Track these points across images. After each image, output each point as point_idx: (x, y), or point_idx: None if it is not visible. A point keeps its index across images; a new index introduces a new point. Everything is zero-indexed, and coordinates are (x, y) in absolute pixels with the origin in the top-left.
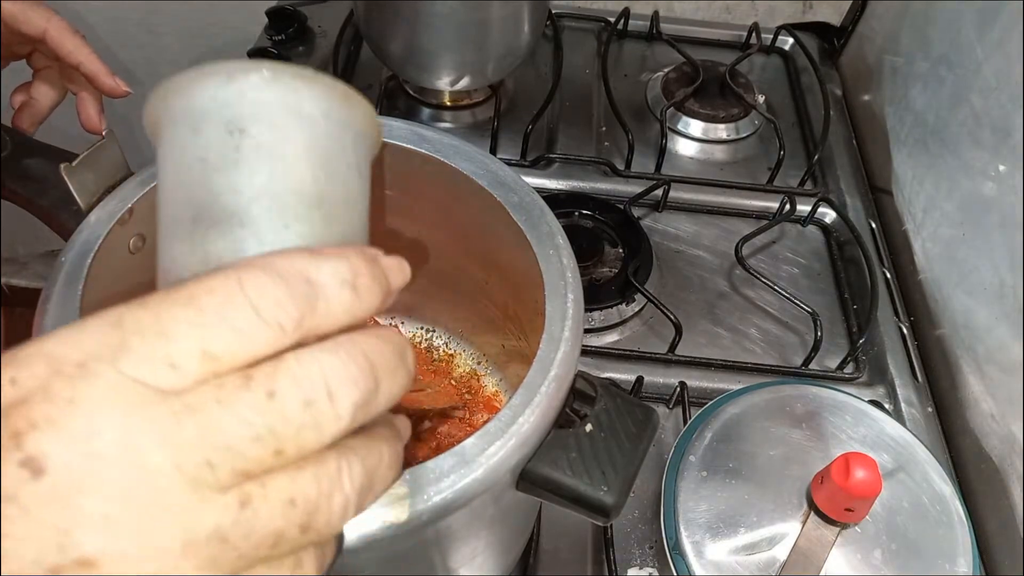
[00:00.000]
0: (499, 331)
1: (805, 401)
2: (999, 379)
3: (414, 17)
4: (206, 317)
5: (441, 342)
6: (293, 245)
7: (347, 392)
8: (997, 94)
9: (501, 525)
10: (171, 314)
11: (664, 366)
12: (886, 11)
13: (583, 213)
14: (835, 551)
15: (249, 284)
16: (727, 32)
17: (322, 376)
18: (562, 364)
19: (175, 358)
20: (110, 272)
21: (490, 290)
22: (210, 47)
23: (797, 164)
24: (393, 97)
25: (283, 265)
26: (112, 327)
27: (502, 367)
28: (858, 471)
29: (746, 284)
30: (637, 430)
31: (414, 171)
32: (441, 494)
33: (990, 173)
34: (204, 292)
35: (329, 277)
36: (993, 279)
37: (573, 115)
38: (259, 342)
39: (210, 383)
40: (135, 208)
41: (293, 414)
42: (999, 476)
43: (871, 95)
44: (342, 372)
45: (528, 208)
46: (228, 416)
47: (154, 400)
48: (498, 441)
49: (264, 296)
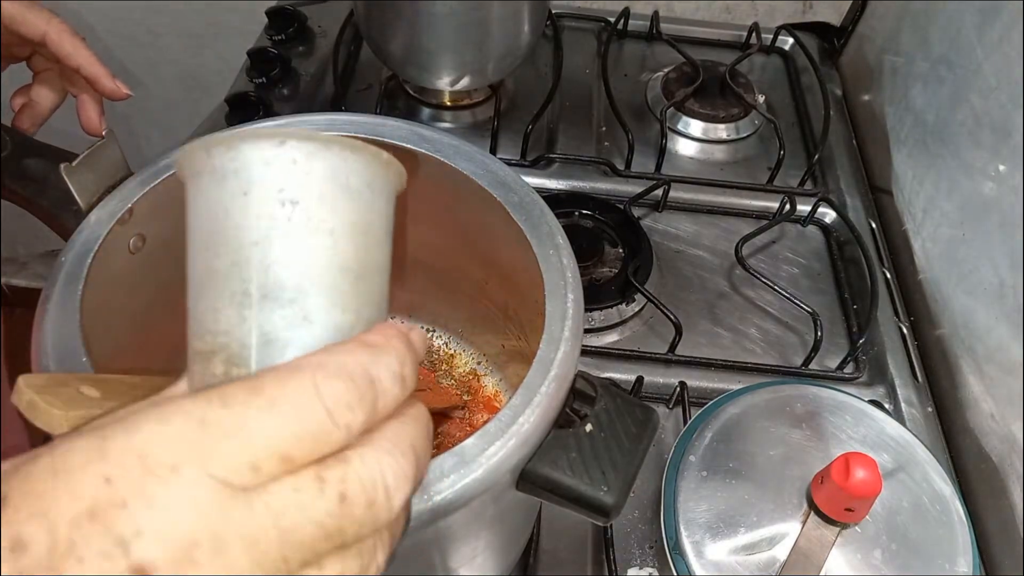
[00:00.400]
0: (499, 331)
1: (805, 401)
2: (999, 379)
3: (414, 17)
4: (286, 422)
5: (441, 342)
6: (343, 322)
7: (402, 488)
8: (997, 94)
9: (501, 525)
10: (254, 418)
11: (664, 366)
12: (886, 11)
13: (583, 213)
14: (835, 551)
15: (325, 389)
16: (727, 32)
17: (382, 477)
18: (562, 364)
19: (258, 462)
20: (110, 272)
21: (490, 290)
22: (210, 47)
23: (797, 164)
24: (393, 97)
25: (352, 367)
26: (199, 427)
27: (502, 367)
28: (858, 471)
29: (746, 284)
30: (637, 430)
31: (414, 171)
32: (441, 494)
33: (990, 173)
34: (282, 396)
35: (385, 372)
36: (993, 279)
37: (573, 115)
38: (331, 444)
39: (287, 483)
40: (135, 208)
41: (359, 514)
42: (999, 476)
43: (871, 95)
44: (399, 471)
45: (528, 208)
46: (305, 519)
47: (239, 502)
48: (498, 441)
49: (338, 402)
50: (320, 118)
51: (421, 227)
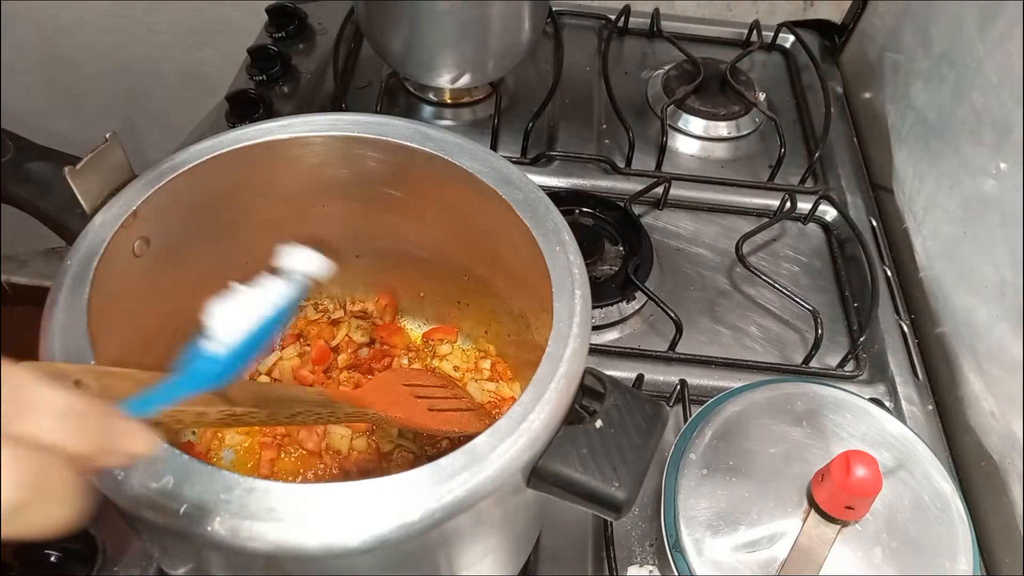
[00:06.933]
0: (505, 328)
1: (806, 399)
2: (999, 377)
3: (415, 14)
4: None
5: (446, 341)
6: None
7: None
8: (998, 91)
9: (512, 523)
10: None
11: (664, 364)
12: (887, 8)
13: (584, 211)
14: (835, 549)
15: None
16: (728, 30)
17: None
18: (571, 360)
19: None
20: (115, 275)
21: (496, 287)
22: (210, 45)
23: (798, 162)
24: (393, 95)
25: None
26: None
27: (510, 364)
28: (859, 469)
29: (747, 282)
30: (647, 425)
31: (418, 169)
32: (453, 492)
33: (991, 171)
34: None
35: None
36: (994, 277)
37: (574, 113)
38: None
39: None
40: (139, 211)
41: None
42: (999, 474)
43: (872, 93)
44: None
45: (534, 205)
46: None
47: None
48: (509, 438)
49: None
50: (323, 118)
51: (425, 225)
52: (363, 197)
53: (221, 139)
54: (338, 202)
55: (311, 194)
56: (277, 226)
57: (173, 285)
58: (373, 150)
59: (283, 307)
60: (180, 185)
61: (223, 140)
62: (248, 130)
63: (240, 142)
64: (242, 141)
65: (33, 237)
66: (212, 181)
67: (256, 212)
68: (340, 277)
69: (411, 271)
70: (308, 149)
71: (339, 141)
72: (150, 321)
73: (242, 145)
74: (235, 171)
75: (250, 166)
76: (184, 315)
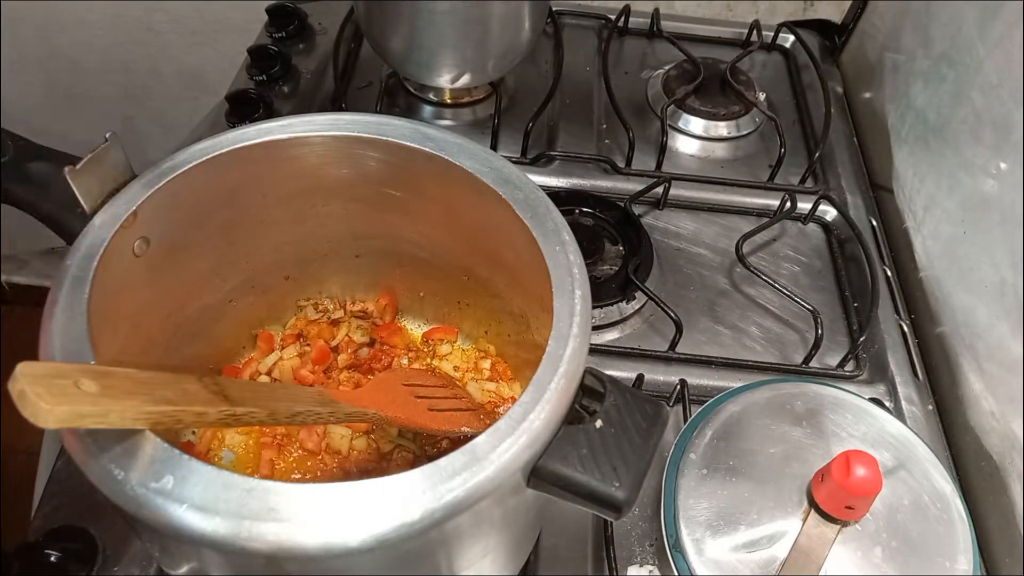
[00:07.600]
0: (505, 328)
1: (806, 399)
2: (999, 377)
3: (415, 14)
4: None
5: (446, 341)
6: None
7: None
8: (998, 91)
9: (512, 523)
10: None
11: (664, 364)
12: (887, 8)
13: (583, 211)
14: (835, 549)
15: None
16: (728, 29)
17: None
18: (571, 360)
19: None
20: (115, 275)
21: (496, 287)
22: (210, 45)
23: (798, 162)
24: (393, 95)
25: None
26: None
27: (509, 364)
28: (858, 469)
29: (747, 282)
30: (647, 425)
31: (418, 169)
32: (453, 492)
33: (991, 171)
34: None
35: None
36: (994, 277)
37: (574, 113)
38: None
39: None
40: (139, 211)
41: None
42: (999, 474)
43: (872, 92)
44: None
45: (534, 205)
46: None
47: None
48: (509, 438)
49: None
50: (323, 118)
51: (426, 226)
52: (363, 197)
53: (221, 139)
54: (338, 202)
55: (311, 194)
56: (277, 226)
57: (173, 285)
58: (373, 150)
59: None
60: (180, 185)
61: (223, 140)
62: (248, 130)
63: (240, 142)
64: (242, 141)
65: (33, 237)
66: (212, 181)
67: (256, 212)
68: (340, 277)
69: (411, 271)
70: (308, 149)
71: (339, 141)
72: (150, 321)
73: (242, 145)
74: (235, 171)
75: (250, 166)
76: (184, 315)
